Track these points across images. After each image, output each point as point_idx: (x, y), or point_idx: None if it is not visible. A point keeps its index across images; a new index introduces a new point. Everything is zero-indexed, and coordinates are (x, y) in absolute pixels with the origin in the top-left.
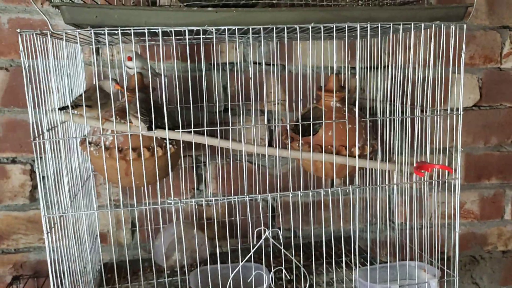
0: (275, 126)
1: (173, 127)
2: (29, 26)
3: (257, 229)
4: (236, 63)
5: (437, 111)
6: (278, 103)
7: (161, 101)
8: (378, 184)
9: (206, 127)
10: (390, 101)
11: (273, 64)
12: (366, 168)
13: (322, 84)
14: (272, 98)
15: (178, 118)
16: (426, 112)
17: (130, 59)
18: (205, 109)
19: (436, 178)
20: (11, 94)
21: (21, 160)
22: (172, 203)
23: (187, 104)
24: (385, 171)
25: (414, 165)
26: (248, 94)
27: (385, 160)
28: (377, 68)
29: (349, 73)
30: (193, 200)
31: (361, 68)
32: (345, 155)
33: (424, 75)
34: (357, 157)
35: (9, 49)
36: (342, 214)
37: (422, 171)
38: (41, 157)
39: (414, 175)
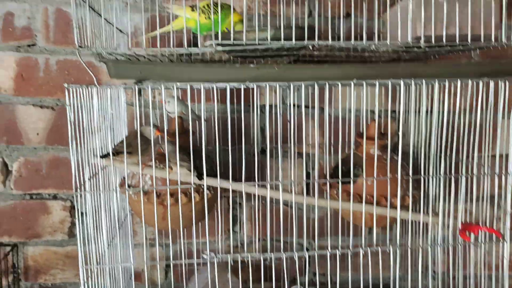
0: (312, 168)
1: (211, 170)
2: (76, 67)
3: None
4: (275, 105)
5: (483, 168)
6: (316, 148)
7: (199, 144)
8: (421, 244)
9: (244, 170)
10: (435, 149)
11: (313, 107)
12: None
13: (364, 131)
14: (310, 141)
15: (216, 160)
16: (472, 160)
17: (166, 103)
18: (243, 152)
19: (482, 240)
20: (56, 133)
21: (62, 196)
22: (208, 258)
23: (225, 145)
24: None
25: (459, 225)
26: (285, 136)
27: (427, 212)
28: (419, 112)
29: (390, 116)
30: (228, 255)
31: (403, 111)
32: (385, 206)
33: (470, 121)
34: (398, 209)
35: (56, 89)
36: (380, 261)
37: (467, 232)
38: (81, 195)
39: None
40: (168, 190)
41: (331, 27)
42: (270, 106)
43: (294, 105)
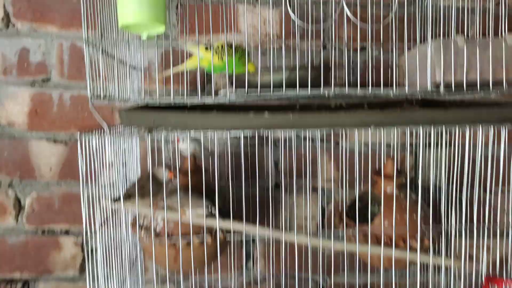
0: (327, 203)
1: (224, 208)
2: None
3: None
4: (290, 139)
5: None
6: (332, 183)
7: (212, 180)
8: None
9: (258, 206)
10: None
11: (328, 141)
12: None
13: (382, 168)
14: (325, 175)
15: (229, 196)
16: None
17: (180, 141)
18: (257, 187)
19: None
20: (69, 168)
21: (74, 232)
22: None
23: (239, 180)
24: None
25: (482, 279)
26: (300, 171)
27: (448, 253)
28: (438, 145)
29: (407, 149)
30: None
31: (421, 144)
32: (402, 247)
33: (493, 154)
34: (418, 253)
35: (69, 124)
36: None
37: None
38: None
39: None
40: (180, 232)
41: (347, 59)
42: (285, 140)
43: (308, 139)
